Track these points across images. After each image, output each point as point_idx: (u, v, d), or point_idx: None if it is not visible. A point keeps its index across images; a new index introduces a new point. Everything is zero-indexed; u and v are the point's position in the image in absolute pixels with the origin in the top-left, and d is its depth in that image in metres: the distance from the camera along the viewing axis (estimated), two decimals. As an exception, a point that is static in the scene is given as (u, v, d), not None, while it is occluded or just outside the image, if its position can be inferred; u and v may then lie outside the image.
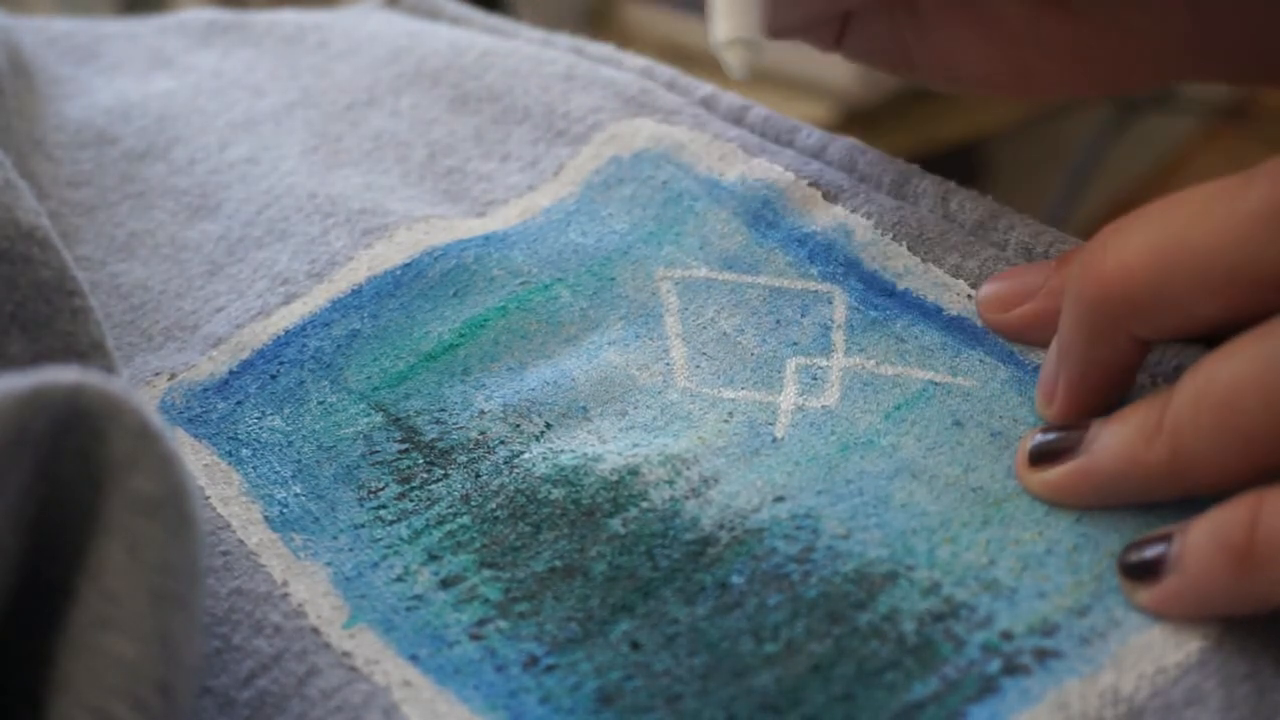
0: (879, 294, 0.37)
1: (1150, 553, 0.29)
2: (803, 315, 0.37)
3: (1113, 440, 0.30)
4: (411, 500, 0.34)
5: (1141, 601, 0.29)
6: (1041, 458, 0.32)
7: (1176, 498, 0.30)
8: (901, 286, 0.37)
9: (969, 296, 0.36)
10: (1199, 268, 0.28)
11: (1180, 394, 0.29)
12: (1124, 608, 0.29)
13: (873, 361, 0.35)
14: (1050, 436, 0.32)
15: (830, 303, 0.37)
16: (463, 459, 0.35)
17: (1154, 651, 0.28)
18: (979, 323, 0.36)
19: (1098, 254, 0.30)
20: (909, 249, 0.37)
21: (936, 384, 0.34)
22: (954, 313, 0.36)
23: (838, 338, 0.36)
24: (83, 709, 0.24)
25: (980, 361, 0.35)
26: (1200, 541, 0.28)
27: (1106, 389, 0.32)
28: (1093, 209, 1.24)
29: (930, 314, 0.36)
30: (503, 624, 0.31)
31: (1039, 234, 0.37)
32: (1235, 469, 0.28)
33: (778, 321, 0.37)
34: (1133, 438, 0.30)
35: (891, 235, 0.38)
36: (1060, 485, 0.31)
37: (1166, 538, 0.29)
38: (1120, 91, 0.39)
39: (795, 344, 0.36)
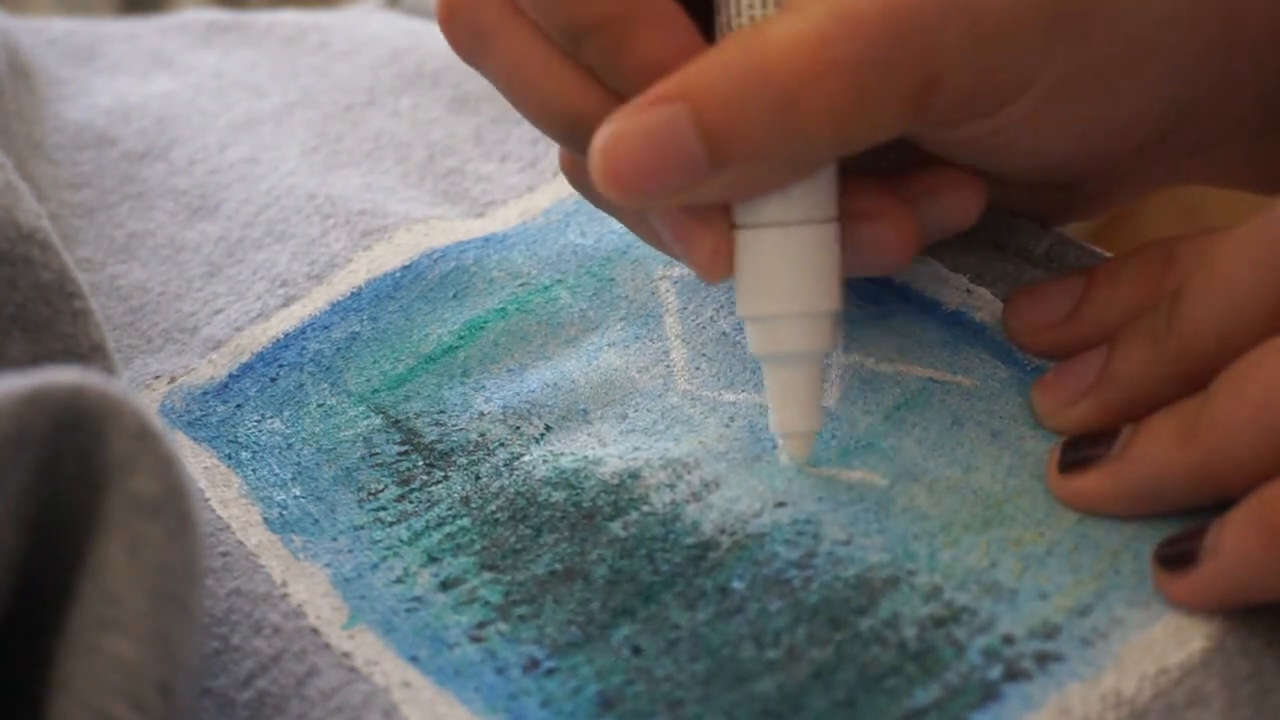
0: (877, 288, 0.37)
1: (1189, 543, 0.29)
2: None
3: (1146, 443, 0.30)
4: (411, 502, 0.34)
5: (1175, 593, 0.29)
6: (1073, 465, 0.31)
7: (1211, 502, 0.30)
8: (900, 281, 0.37)
9: (968, 291, 0.36)
10: None
11: (1217, 394, 0.29)
12: (1126, 606, 0.29)
13: (871, 359, 0.35)
14: (1082, 443, 0.32)
15: None
16: (462, 461, 0.35)
17: (1156, 651, 0.28)
18: (976, 317, 0.35)
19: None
20: None
21: (936, 382, 0.34)
22: (952, 307, 0.36)
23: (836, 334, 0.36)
24: (83, 709, 0.24)
25: (980, 359, 0.35)
26: (1239, 523, 0.28)
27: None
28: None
29: (929, 309, 0.36)
30: (503, 626, 0.31)
31: (1038, 236, 0.37)
32: (1272, 469, 0.28)
33: None
34: (1167, 439, 0.30)
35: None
36: (1094, 493, 0.31)
37: (1204, 529, 0.29)
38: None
39: None
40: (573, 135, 0.32)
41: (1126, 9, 0.31)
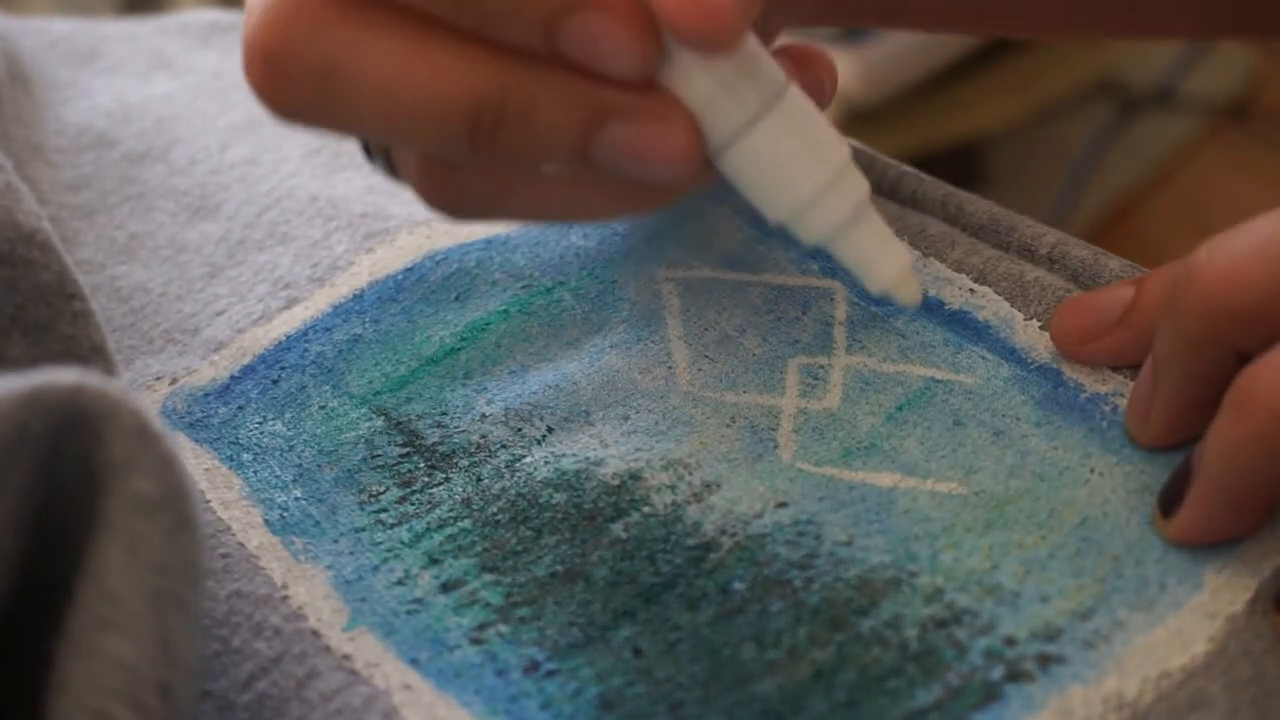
0: None
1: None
2: (804, 312, 0.37)
3: (1219, 449, 0.29)
4: (412, 504, 0.34)
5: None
6: (1169, 502, 0.30)
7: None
8: None
9: (971, 290, 0.36)
10: None
11: (1264, 374, 0.29)
12: (1128, 609, 0.29)
13: (874, 359, 0.35)
14: (1167, 481, 0.31)
15: (831, 298, 0.37)
16: (464, 463, 0.35)
17: (1158, 653, 0.28)
18: (980, 316, 0.35)
19: (1202, 265, 0.29)
20: (910, 243, 0.37)
21: (938, 381, 0.34)
22: (955, 307, 0.36)
23: (839, 334, 0.36)
24: (82, 710, 0.24)
25: (982, 358, 0.35)
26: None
27: (1207, 405, 0.30)
28: (1093, 209, 1.24)
29: (931, 308, 0.36)
30: (504, 628, 0.31)
31: (1040, 235, 0.37)
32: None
33: (779, 320, 0.37)
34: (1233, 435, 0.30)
35: (892, 230, 0.37)
36: (1190, 525, 0.30)
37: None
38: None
39: (796, 343, 0.36)
40: (475, 127, 0.28)
41: None
